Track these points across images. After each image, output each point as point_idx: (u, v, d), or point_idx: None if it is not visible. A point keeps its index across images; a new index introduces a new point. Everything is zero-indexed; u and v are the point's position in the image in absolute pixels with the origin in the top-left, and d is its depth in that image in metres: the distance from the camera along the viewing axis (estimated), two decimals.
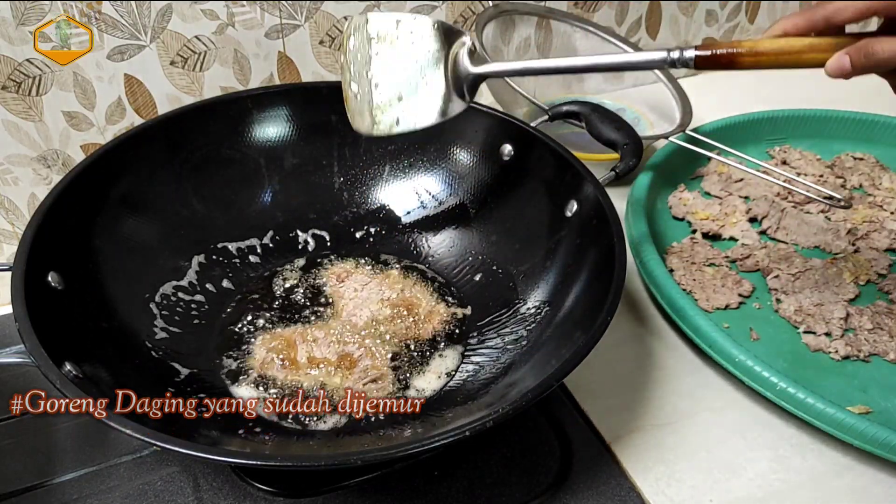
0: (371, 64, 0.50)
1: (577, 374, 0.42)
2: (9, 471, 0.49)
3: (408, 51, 0.50)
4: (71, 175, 0.52)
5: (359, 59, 0.51)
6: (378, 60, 0.51)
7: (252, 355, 0.54)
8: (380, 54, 0.50)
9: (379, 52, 0.50)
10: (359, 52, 0.51)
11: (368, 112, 0.51)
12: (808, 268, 0.64)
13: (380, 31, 0.50)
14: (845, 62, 0.41)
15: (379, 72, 0.51)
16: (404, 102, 0.51)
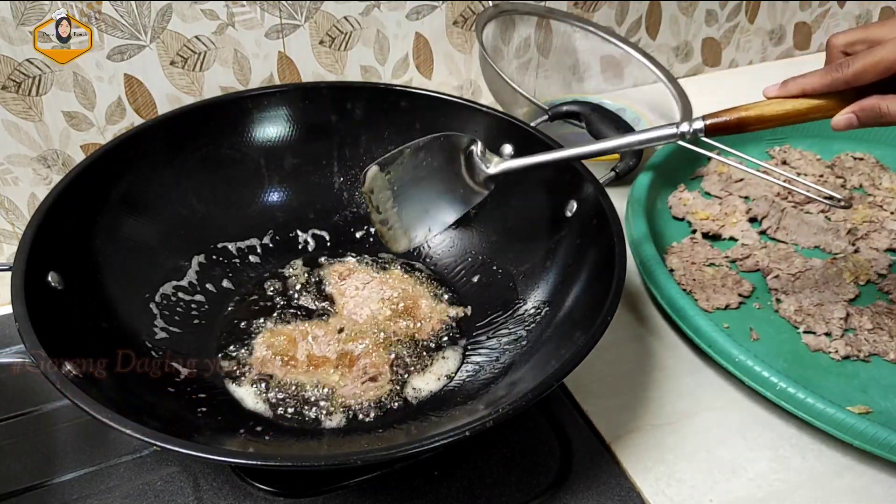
0: (392, 199, 0.55)
1: (577, 374, 0.42)
2: (9, 471, 0.49)
3: (421, 172, 0.54)
4: (71, 175, 0.52)
5: (381, 200, 0.55)
6: (398, 193, 0.55)
7: (252, 353, 0.54)
8: (398, 187, 0.54)
9: (397, 186, 0.54)
10: (380, 194, 0.55)
11: (403, 235, 0.56)
12: (808, 268, 0.64)
13: (391, 167, 0.54)
14: (853, 120, 0.42)
15: (401, 201, 0.55)
16: (431, 213, 0.56)
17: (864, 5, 1.00)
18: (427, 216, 0.55)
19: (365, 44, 0.73)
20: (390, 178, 0.54)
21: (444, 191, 0.55)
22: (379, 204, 0.55)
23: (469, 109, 0.62)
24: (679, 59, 0.93)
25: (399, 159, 0.54)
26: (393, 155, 0.54)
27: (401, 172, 0.54)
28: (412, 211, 0.55)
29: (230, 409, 0.50)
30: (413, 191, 0.55)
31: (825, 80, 0.42)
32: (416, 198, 0.55)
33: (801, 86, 0.43)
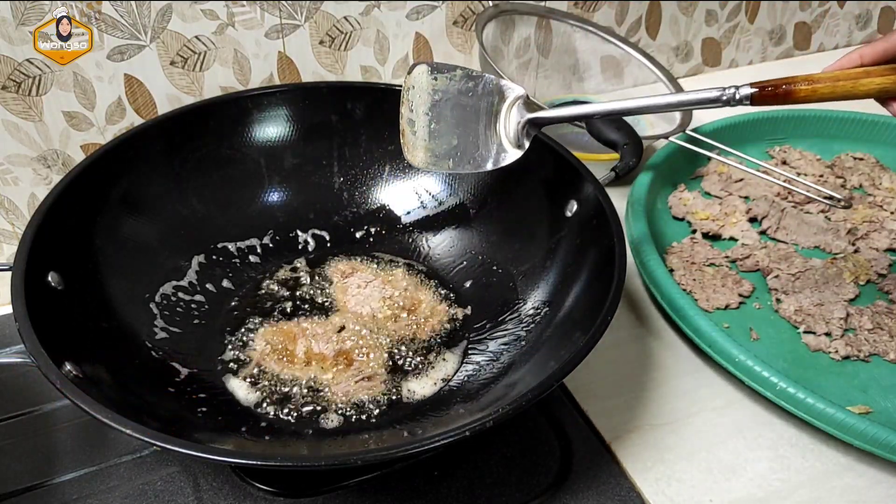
0: (429, 107, 0.52)
1: (577, 374, 0.42)
2: (9, 471, 0.49)
3: (465, 99, 0.52)
4: (71, 175, 0.52)
5: (419, 98, 0.52)
6: (437, 104, 0.52)
7: (252, 346, 0.54)
8: (439, 98, 0.52)
9: (438, 97, 0.52)
10: (420, 92, 0.52)
11: (423, 149, 0.53)
12: (808, 268, 0.64)
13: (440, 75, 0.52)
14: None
15: (436, 114, 0.52)
16: (459, 147, 0.52)
17: (864, 5, 1.00)
18: (454, 148, 0.52)
19: (365, 44, 0.73)
20: (436, 85, 0.52)
21: (481, 133, 0.53)
22: (413, 101, 0.52)
23: None
24: (679, 59, 0.93)
25: (450, 73, 0.53)
26: (447, 65, 0.53)
27: (447, 85, 0.52)
28: (442, 131, 0.52)
29: (230, 409, 0.50)
30: (451, 113, 0.53)
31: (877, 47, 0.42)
32: (452, 121, 0.52)
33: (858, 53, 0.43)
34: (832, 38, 1.02)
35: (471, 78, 0.53)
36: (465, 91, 0.53)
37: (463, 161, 0.53)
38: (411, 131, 0.53)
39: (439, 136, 0.53)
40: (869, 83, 0.42)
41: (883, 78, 0.42)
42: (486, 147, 0.53)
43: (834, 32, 1.01)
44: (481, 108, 0.53)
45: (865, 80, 0.42)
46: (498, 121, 0.53)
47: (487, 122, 0.53)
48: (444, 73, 0.52)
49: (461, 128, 0.53)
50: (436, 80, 0.52)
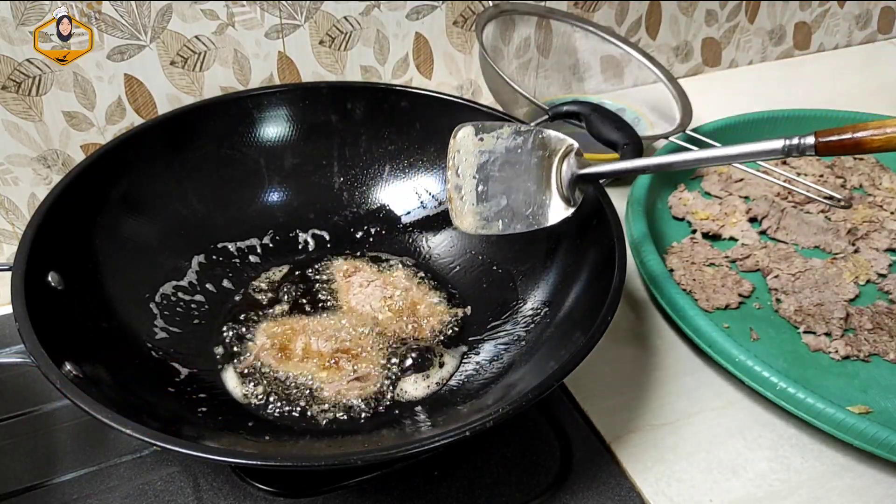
0: (476, 169, 0.51)
1: (577, 374, 0.42)
2: (9, 471, 0.49)
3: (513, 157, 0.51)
4: (71, 175, 0.52)
5: (465, 162, 0.51)
6: (484, 165, 0.51)
7: (253, 341, 0.54)
8: (486, 160, 0.51)
9: (486, 157, 0.51)
10: (466, 155, 0.52)
11: (472, 214, 0.51)
12: (808, 268, 0.64)
13: (486, 134, 0.51)
14: None
15: (484, 175, 0.51)
16: (509, 207, 0.51)
17: (864, 5, 1.00)
18: (504, 209, 0.50)
19: (365, 44, 0.73)
20: (482, 146, 0.51)
21: (530, 191, 0.51)
22: (460, 165, 0.51)
23: (469, 109, 0.62)
24: (679, 59, 0.93)
25: (497, 131, 0.51)
26: (493, 124, 0.52)
27: (494, 145, 0.51)
28: (491, 193, 0.51)
29: (230, 409, 0.50)
30: (500, 173, 0.51)
31: None
32: (501, 182, 0.51)
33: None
34: (832, 38, 1.02)
35: (519, 133, 0.51)
36: (513, 148, 0.51)
37: (514, 221, 0.51)
38: (458, 197, 0.51)
39: (488, 198, 0.51)
40: None
41: None
42: (537, 204, 0.51)
43: (834, 32, 1.01)
44: (531, 164, 0.51)
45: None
46: (550, 176, 0.51)
47: (538, 177, 0.51)
48: (491, 133, 0.51)
49: (511, 187, 0.51)
50: (482, 141, 0.51)
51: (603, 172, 0.50)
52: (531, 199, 0.51)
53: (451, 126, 0.63)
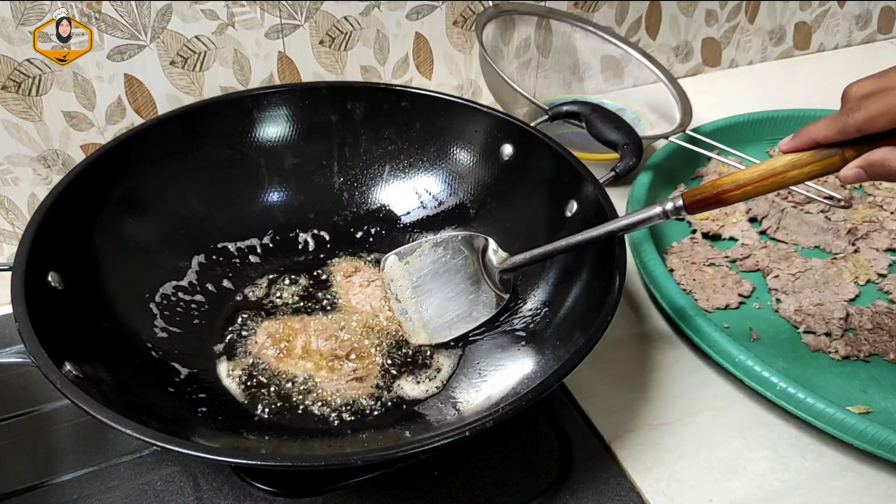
0: (412, 290, 0.56)
1: (577, 374, 0.42)
2: (9, 471, 0.49)
3: (440, 267, 0.56)
4: (71, 175, 0.52)
5: (400, 289, 0.56)
6: (417, 284, 0.56)
7: (253, 340, 0.54)
8: (417, 278, 0.56)
9: (416, 277, 0.56)
10: (399, 280, 0.57)
11: (422, 328, 0.55)
12: (808, 268, 0.64)
13: (409, 257, 0.57)
14: (862, 175, 0.39)
15: (421, 293, 0.56)
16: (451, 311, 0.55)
17: (864, 5, 1.00)
18: (447, 314, 0.55)
19: (365, 44, 0.73)
20: (408, 267, 0.56)
21: (465, 291, 0.56)
22: (397, 293, 0.56)
23: (469, 109, 0.62)
24: (679, 59, 0.93)
25: (417, 250, 0.57)
26: (411, 246, 0.57)
27: (419, 264, 0.56)
28: (432, 305, 0.56)
29: (230, 409, 0.50)
30: (432, 285, 0.56)
31: (835, 126, 0.39)
32: (436, 293, 0.56)
33: (810, 134, 0.40)
34: (832, 38, 1.02)
35: (437, 245, 0.56)
36: (437, 260, 0.56)
37: (462, 322, 0.55)
38: (406, 319, 0.56)
39: (432, 310, 0.56)
40: (798, 174, 0.40)
41: (812, 166, 0.40)
42: (476, 300, 0.56)
43: (834, 32, 1.01)
44: (459, 267, 0.56)
45: (794, 173, 0.41)
46: (479, 272, 0.56)
47: (470, 277, 0.56)
48: (413, 254, 0.57)
49: (448, 295, 0.56)
50: (408, 264, 0.56)
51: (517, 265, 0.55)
52: (472, 297, 0.56)
53: (451, 126, 0.63)
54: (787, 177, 0.41)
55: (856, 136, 0.38)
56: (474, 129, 0.63)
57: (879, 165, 0.38)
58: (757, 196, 0.43)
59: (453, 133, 0.63)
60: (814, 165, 0.40)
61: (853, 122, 0.38)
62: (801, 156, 0.40)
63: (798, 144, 0.40)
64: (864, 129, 0.38)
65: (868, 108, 0.37)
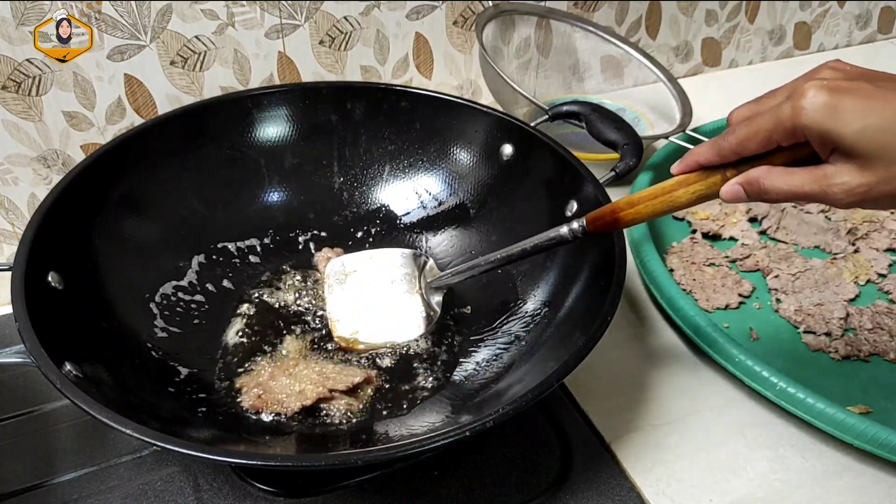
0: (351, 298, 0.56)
1: (577, 374, 0.42)
2: (9, 471, 0.49)
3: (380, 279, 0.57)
4: (71, 175, 0.52)
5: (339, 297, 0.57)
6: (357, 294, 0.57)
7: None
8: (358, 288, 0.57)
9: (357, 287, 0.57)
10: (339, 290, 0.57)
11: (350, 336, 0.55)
12: (808, 268, 0.64)
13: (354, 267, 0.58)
14: (741, 192, 0.39)
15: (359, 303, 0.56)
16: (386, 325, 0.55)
17: (864, 5, 1.00)
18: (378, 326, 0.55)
19: (365, 44, 0.73)
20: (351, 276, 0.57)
21: (401, 306, 0.56)
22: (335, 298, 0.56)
23: (469, 109, 0.62)
24: (679, 59, 0.93)
25: (362, 261, 0.58)
26: (357, 255, 0.58)
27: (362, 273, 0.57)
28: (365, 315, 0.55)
29: (230, 410, 0.50)
30: (369, 296, 0.57)
31: (714, 149, 0.40)
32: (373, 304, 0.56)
33: (695, 157, 0.41)
34: (832, 38, 1.02)
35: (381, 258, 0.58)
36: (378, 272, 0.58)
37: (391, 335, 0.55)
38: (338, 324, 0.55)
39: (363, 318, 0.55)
40: (684, 193, 0.41)
41: (697, 185, 0.41)
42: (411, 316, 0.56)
43: (834, 32, 1.01)
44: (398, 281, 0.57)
45: (681, 192, 0.41)
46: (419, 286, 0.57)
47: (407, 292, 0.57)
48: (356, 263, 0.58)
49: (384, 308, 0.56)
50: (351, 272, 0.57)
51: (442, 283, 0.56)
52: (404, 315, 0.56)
53: (451, 126, 0.63)
54: (675, 196, 0.42)
55: (733, 158, 0.39)
56: (474, 129, 0.63)
57: (755, 182, 0.38)
58: (651, 217, 0.44)
59: (453, 133, 0.63)
60: (698, 185, 0.41)
61: (727, 146, 0.39)
62: (687, 176, 0.41)
63: (684, 167, 0.42)
64: (738, 151, 0.39)
65: (739, 132, 0.38)
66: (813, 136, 0.36)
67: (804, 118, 0.35)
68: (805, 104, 0.35)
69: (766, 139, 0.38)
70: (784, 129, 0.37)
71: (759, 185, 0.38)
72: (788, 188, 0.37)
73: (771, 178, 0.38)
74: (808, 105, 0.35)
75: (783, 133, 0.37)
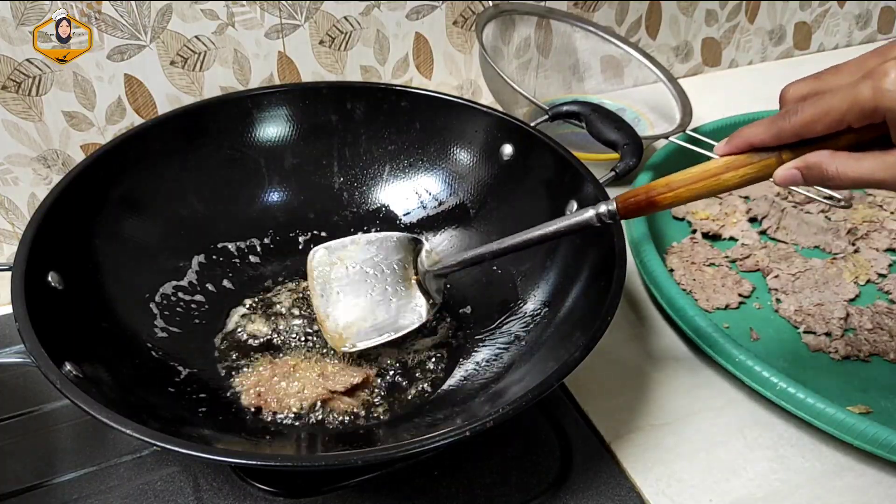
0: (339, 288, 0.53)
1: (577, 374, 0.42)
2: (9, 471, 0.49)
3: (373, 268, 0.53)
4: (71, 175, 0.52)
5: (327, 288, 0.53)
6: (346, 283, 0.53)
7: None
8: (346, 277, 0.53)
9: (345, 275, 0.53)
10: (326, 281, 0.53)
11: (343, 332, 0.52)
12: (808, 268, 0.64)
13: (339, 252, 0.54)
14: (798, 177, 0.37)
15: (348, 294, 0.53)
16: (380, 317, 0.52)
17: (864, 5, 1.00)
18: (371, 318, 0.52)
19: (365, 44, 0.73)
20: (337, 265, 0.54)
21: (394, 294, 0.53)
22: (323, 289, 0.53)
23: (469, 109, 0.62)
24: (679, 59, 0.93)
25: (349, 246, 0.54)
26: (343, 241, 0.55)
27: (349, 261, 0.54)
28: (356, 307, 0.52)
29: (230, 409, 0.50)
30: (360, 286, 0.53)
31: (771, 131, 0.37)
32: (363, 295, 0.53)
33: (746, 138, 0.38)
34: (832, 38, 1.02)
35: (370, 243, 0.54)
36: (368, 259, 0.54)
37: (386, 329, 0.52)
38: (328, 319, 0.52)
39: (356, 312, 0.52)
40: (733, 177, 0.39)
41: (748, 168, 0.39)
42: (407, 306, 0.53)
43: (834, 32, 1.01)
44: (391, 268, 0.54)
45: (729, 175, 0.39)
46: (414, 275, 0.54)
47: (401, 281, 0.53)
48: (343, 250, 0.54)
49: (377, 297, 0.53)
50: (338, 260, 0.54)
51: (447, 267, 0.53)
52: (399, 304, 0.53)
53: (451, 126, 0.63)
54: (722, 179, 0.39)
55: (793, 140, 0.37)
56: (474, 129, 0.63)
57: (816, 168, 0.36)
58: (691, 200, 0.41)
59: (453, 133, 0.63)
60: (749, 168, 0.39)
61: (790, 127, 0.37)
62: (736, 158, 0.39)
63: (733, 148, 0.39)
64: (801, 133, 0.37)
65: (805, 113, 0.36)
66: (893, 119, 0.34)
67: (888, 100, 0.33)
68: (889, 85, 0.33)
69: (837, 120, 0.35)
70: (861, 111, 0.34)
71: (822, 171, 0.36)
72: (857, 174, 0.35)
73: (837, 164, 0.36)
74: (891, 85, 0.33)
75: (858, 114, 0.34)
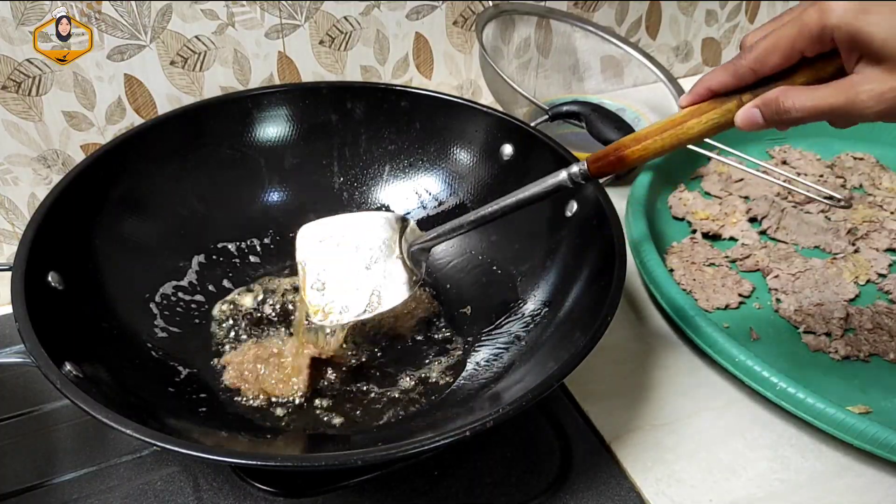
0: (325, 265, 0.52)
1: (577, 374, 0.42)
2: (9, 471, 0.49)
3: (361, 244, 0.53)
4: (71, 175, 0.52)
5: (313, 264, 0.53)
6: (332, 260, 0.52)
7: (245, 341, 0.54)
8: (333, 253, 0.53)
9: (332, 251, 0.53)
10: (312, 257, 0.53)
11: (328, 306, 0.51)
12: (808, 268, 0.64)
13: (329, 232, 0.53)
14: (757, 116, 0.37)
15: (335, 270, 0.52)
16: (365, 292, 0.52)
17: None
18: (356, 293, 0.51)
19: (365, 44, 0.73)
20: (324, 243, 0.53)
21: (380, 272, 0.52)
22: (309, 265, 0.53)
23: (469, 109, 0.62)
24: (679, 59, 0.93)
25: (337, 224, 0.54)
26: (332, 219, 0.55)
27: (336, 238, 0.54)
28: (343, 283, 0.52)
29: (230, 410, 0.50)
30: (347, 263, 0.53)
31: (728, 71, 0.37)
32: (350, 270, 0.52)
33: (706, 83, 0.38)
34: None
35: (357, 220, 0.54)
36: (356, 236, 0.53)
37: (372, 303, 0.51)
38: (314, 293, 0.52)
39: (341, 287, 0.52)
40: (696, 124, 0.39)
41: (710, 113, 0.38)
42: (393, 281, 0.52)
43: None
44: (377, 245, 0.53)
45: (692, 122, 0.39)
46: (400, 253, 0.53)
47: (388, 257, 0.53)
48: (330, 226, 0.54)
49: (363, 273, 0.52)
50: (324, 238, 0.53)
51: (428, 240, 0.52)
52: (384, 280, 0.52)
53: (451, 126, 0.63)
54: (686, 127, 0.39)
55: (752, 78, 0.37)
56: (474, 129, 0.63)
57: (773, 103, 0.36)
58: (659, 154, 0.41)
59: (453, 133, 0.63)
60: (711, 113, 0.38)
61: (746, 63, 0.37)
62: (699, 106, 0.39)
63: (695, 97, 0.39)
64: (756, 68, 0.36)
65: (758, 48, 0.36)
66: (841, 37, 0.34)
67: (833, 18, 0.33)
68: (833, 5, 0.33)
69: (788, 49, 0.35)
70: (809, 34, 0.34)
71: (778, 105, 0.36)
72: (812, 104, 0.35)
73: (791, 96, 0.36)
74: (837, 5, 0.33)
75: (808, 39, 0.35)
